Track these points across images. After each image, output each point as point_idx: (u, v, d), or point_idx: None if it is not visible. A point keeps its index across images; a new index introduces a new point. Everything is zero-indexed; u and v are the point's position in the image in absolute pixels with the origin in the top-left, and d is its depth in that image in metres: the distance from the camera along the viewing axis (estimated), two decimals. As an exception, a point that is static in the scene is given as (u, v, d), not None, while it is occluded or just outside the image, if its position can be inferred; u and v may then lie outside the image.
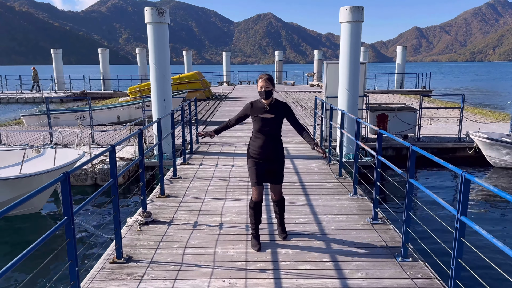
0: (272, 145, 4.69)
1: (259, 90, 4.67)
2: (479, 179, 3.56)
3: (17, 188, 6.25)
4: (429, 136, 12.24)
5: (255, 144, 4.71)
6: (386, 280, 4.06)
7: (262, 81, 4.63)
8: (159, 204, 6.20)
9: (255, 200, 4.75)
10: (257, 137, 4.71)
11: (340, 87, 9.73)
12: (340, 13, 9.34)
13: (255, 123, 4.71)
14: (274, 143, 4.73)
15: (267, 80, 4.63)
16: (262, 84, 4.61)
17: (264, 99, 4.66)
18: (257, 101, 4.76)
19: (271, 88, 4.64)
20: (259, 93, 4.68)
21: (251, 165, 4.76)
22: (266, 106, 4.67)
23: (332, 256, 4.53)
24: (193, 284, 3.93)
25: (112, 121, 14.67)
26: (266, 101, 4.67)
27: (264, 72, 5.02)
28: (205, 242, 4.87)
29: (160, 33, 9.33)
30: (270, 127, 4.67)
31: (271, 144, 4.69)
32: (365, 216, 5.73)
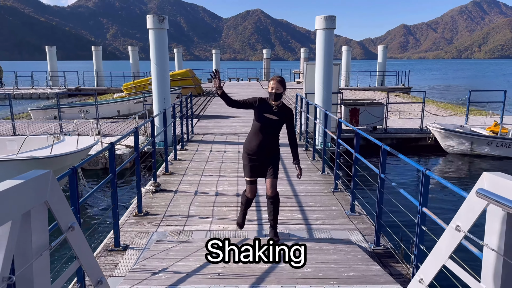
0: (270, 144, 4.76)
1: (269, 91, 4.66)
2: (437, 173, 4.91)
3: (49, 166, 7.69)
4: (396, 127, 13.95)
5: (254, 142, 4.75)
6: (336, 225, 5.63)
7: (274, 83, 4.63)
8: (165, 179, 7.71)
9: (249, 197, 4.93)
10: (257, 134, 4.73)
11: (316, 85, 11.30)
12: (316, 21, 10.91)
13: (258, 120, 4.71)
14: (272, 142, 4.79)
15: (279, 83, 4.62)
16: (274, 86, 4.62)
17: (273, 101, 4.67)
18: (266, 100, 4.74)
19: (282, 91, 4.65)
20: (269, 94, 4.66)
21: (246, 161, 4.82)
22: (274, 107, 4.68)
23: (300, 211, 6.08)
24: (197, 228, 5.45)
25: (113, 114, 16.11)
26: (275, 103, 4.69)
27: (277, 75, 5.04)
28: (204, 203, 6.40)
29: (160, 37, 10.80)
30: (272, 128, 4.72)
31: (269, 143, 4.75)
32: (329, 187, 7.29)
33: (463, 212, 2.61)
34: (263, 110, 4.66)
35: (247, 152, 4.78)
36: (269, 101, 4.69)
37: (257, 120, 4.69)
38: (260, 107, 4.67)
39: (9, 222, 1.80)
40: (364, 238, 5.22)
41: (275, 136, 4.77)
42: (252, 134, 4.75)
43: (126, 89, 23.36)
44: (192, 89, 24.92)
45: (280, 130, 4.78)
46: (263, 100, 4.72)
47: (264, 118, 4.65)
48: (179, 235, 5.20)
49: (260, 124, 4.67)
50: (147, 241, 4.96)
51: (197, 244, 4.57)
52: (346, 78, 34.32)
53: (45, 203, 2.09)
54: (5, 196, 1.74)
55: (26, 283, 1.99)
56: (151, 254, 4.26)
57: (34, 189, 1.97)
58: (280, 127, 4.75)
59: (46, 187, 2.09)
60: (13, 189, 1.80)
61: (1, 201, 1.70)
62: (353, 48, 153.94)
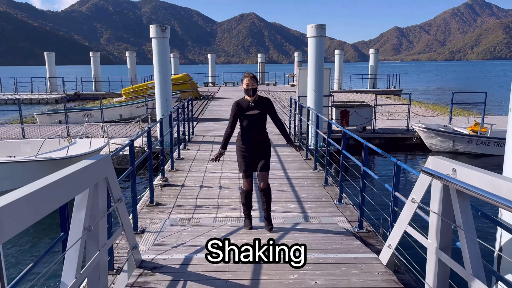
0: (259, 139, 5.02)
1: (245, 88, 4.89)
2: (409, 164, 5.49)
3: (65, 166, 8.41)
4: (384, 128, 14.81)
5: (244, 139, 5.01)
6: (326, 213, 6.40)
7: (248, 79, 4.88)
8: (171, 175, 8.46)
9: (246, 190, 5.20)
10: (245, 132, 5.00)
11: (308, 89, 12.12)
12: (308, 30, 11.73)
13: (242, 120, 4.99)
14: (261, 137, 5.04)
15: (252, 79, 4.89)
16: (248, 82, 4.87)
17: (249, 97, 4.92)
18: (241, 100, 5.01)
19: (256, 86, 4.93)
20: (245, 90, 4.90)
21: (240, 158, 5.08)
22: (251, 103, 4.94)
23: (294, 202, 6.85)
24: (204, 215, 6.21)
25: (116, 118, 16.85)
26: (250, 98, 4.93)
27: (248, 71, 5.26)
28: (209, 195, 7.16)
29: (163, 46, 11.59)
30: (256, 122, 4.95)
31: (258, 137, 5.01)
32: (320, 182, 8.07)
33: (416, 187, 3.42)
34: (244, 110, 4.95)
35: (240, 149, 5.08)
36: (245, 99, 4.97)
37: (242, 119, 4.99)
38: (240, 109, 4.96)
39: (88, 189, 2.57)
40: (349, 223, 5.99)
41: (262, 130, 5.06)
42: (242, 132, 5.05)
43: (125, 93, 24.05)
44: (189, 93, 25.67)
45: (265, 122, 5.06)
46: (240, 102, 5.00)
47: (247, 115, 4.94)
48: (189, 221, 5.95)
49: (246, 122, 4.96)
50: (161, 226, 5.71)
51: (206, 227, 5.34)
52: (339, 81, 35.23)
53: (105, 179, 2.86)
54: (85, 170, 2.51)
55: (94, 236, 2.75)
56: (168, 234, 5.02)
57: (99, 168, 2.75)
58: (264, 119, 5.04)
59: (106, 167, 2.87)
60: (89, 167, 2.58)
61: (83, 174, 2.48)
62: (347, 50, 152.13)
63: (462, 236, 2.62)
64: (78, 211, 2.46)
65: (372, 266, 4.02)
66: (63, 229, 2.50)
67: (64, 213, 2.45)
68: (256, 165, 5.09)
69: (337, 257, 4.24)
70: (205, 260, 3.95)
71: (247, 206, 5.29)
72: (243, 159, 5.06)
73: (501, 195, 2.17)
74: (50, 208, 1.97)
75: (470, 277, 2.54)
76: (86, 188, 2.51)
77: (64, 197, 2.16)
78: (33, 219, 1.81)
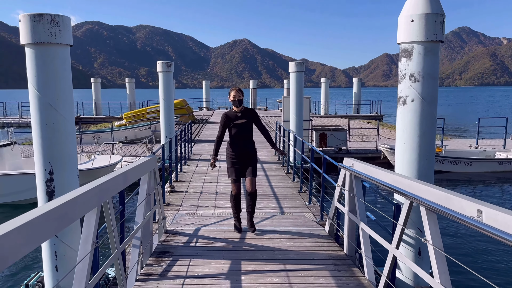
0: (247, 146, 5.52)
1: (232, 100, 5.42)
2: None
3: (89, 177, 10.36)
4: (357, 148, 16.97)
5: (233, 147, 5.54)
6: (298, 210, 8.38)
7: (234, 92, 5.45)
8: (176, 184, 10.43)
9: (235, 194, 5.76)
10: (234, 140, 5.53)
11: (290, 114, 14.29)
12: (289, 66, 13.99)
13: (231, 129, 5.49)
14: (249, 144, 5.54)
15: (238, 91, 5.46)
16: (234, 94, 5.44)
17: (236, 107, 5.43)
18: (229, 111, 5.53)
19: (242, 98, 5.47)
20: (232, 102, 5.44)
21: (229, 164, 5.63)
22: (238, 113, 5.44)
23: (274, 203, 8.84)
24: (205, 211, 8.16)
25: (121, 140, 18.86)
26: (237, 109, 5.44)
27: (234, 86, 5.83)
28: (208, 199, 9.13)
29: (167, 79, 13.76)
30: (244, 130, 5.43)
31: (246, 145, 5.52)
32: (296, 189, 10.10)
33: (339, 176, 5.49)
34: (232, 120, 5.47)
35: (229, 157, 5.64)
36: (233, 111, 5.52)
37: (230, 128, 5.50)
38: (228, 119, 5.48)
39: (147, 174, 4.61)
40: (314, 216, 7.99)
41: (249, 137, 5.58)
42: (231, 141, 5.59)
43: (127, 117, 26.11)
44: (185, 117, 27.79)
45: (251, 131, 5.57)
46: (228, 113, 5.55)
47: (235, 124, 5.44)
48: (193, 215, 7.93)
49: (234, 131, 5.47)
50: (173, 217, 7.68)
51: (207, 217, 7.34)
52: (325, 107, 37.62)
53: (154, 170, 4.90)
54: (145, 163, 4.56)
55: (149, 200, 4.76)
56: (180, 220, 7.02)
57: (151, 162, 4.79)
58: (251, 128, 5.53)
59: (154, 163, 4.90)
60: (147, 161, 4.62)
61: (146, 164, 4.52)
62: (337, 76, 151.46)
63: (355, 201, 4.68)
64: (143, 184, 4.49)
65: (319, 232, 6.04)
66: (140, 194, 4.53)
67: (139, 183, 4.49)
68: (244, 171, 5.62)
69: (298, 230, 6.26)
70: (208, 230, 5.95)
71: (236, 209, 5.84)
72: (232, 165, 5.60)
73: (368, 173, 4.26)
74: (138, 177, 4.01)
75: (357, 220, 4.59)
76: (147, 172, 4.54)
77: (142, 173, 4.20)
78: (126, 184, 3.81)
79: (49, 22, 4.43)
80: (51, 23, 4.50)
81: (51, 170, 4.63)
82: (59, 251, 4.81)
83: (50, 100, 4.48)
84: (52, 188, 4.69)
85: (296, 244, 5.55)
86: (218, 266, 4.64)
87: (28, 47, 4.57)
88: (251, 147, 5.64)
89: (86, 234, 2.85)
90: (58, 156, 4.63)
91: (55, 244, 4.78)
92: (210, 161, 5.83)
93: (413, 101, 5.37)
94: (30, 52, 4.57)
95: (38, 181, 4.71)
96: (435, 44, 5.34)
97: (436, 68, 5.43)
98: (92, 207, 2.80)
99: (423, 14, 5.18)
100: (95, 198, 2.85)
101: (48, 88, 4.53)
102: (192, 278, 4.33)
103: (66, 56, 4.74)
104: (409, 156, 5.42)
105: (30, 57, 4.44)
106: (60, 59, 4.54)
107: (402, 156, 5.53)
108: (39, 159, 4.63)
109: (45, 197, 4.67)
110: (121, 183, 3.61)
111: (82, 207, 2.61)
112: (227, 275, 4.39)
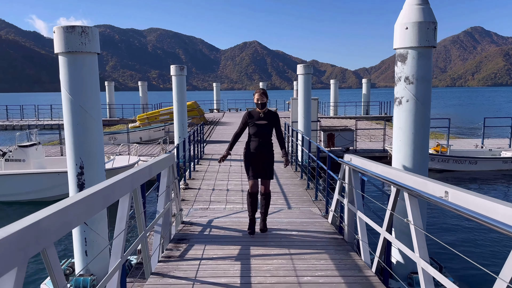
0: (265, 146, 5.58)
1: (255, 102, 5.53)
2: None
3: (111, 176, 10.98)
4: (365, 148, 17.40)
5: (251, 145, 5.57)
6: (305, 205, 8.90)
7: (258, 94, 5.56)
8: (189, 182, 11.01)
9: (252, 192, 5.75)
10: (253, 139, 5.56)
11: (299, 115, 14.79)
12: (298, 68, 14.50)
13: (251, 128, 5.55)
14: (267, 145, 5.60)
15: (262, 94, 5.56)
16: (258, 97, 5.55)
17: (259, 109, 5.55)
18: (253, 110, 5.60)
19: (265, 100, 5.56)
20: (256, 104, 5.56)
21: (247, 163, 5.67)
22: (261, 114, 5.54)
23: (282, 199, 9.37)
24: (217, 206, 8.71)
25: (136, 140, 19.54)
26: (261, 110, 5.55)
27: (260, 87, 5.99)
28: (220, 195, 9.68)
29: (180, 82, 14.37)
30: (264, 131, 5.51)
31: (264, 145, 5.57)
32: (304, 186, 10.61)
33: (341, 171, 5.99)
34: (254, 119, 5.57)
35: (247, 155, 5.70)
36: (256, 111, 5.62)
37: (251, 127, 5.59)
38: (250, 118, 5.60)
39: (167, 168, 5.17)
40: (319, 210, 8.49)
41: (268, 139, 5.63)
42: (250, 140, 5.65)
43: (140, 119, 26.85)
44: (197, 119, 28.44)
45: (271, 133, 5.62)
46: (251, 111, 5.66)
47: (256, 124, 5.54)
48: (207, 209, 8.49)
49: (254, 130, 5.55)
50: (188, 211, 8.24)
51: (220, 210, 7.89)
52: (334, 108, 38.01)
53: (172, 165, 5.46)
54: (165, 158, 5.12)
55: (168, 191, 5.31)
56: (194, 213, 7.57)
57: (170, 158, 5.34)
58: (271, 130, 5.60)
59: (172, 159, 5.46)
60: (166, 157, 5.18)
61: (165, 160, 5.08)
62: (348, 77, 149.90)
63: (353, 192, 5.19)
64: (163, 177, 5.05)
65: (323, 224, 6.56)
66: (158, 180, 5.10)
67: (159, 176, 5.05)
68: (260, 171, 5.66)
69: (303, 220, 6.78)
70: (221, 221, 6.49)
71: (252, 208, 5.78)
72: (250, 164, 5.65)
73: (363, 166, 4.76)
74: (159, 170, 4.58)
75: (355, 209, 5.09)
76: (166, 167, 5.10)
77: (162, 167, 4.76)
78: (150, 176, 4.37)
79: (80, 33, 5.04)
80: (81, 34, 5.09)
81: (82, 165, 5.22)
82: (88, 238, 5.39)
83: (81, 103, 5.07)
84: (82, 181, 5.28)
85: (301, 233, 6.07)
86: (230, 251, 5.18)
87: (61, 56, 5.18)
88: (268, 149, 5.70)
89: (120, 215, 3.41)
90: (87, 153, 5.22)
91: (85, 231, 5.37)
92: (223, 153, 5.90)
93: (408, 102, 5.86)
94: (63, 60, 5.18)
95: (70, 175, 5.30)
96: (428, 50, 5.82)
97: (429, 71, 5.90)
98: (126, 192, 3.36)
99: (416, 22, 5.67)
100: (128, 184, 3.41)
101: (79, 91, 5.12)
102: (207, 260, 4.87)
103: (94, 63, 5.34)
104: (404, 151, 5.92)
105: (63, 64, 5.05)
106: (89, 66, 5.15)
107: (398, 151, 6.02)
108: (71, 155, 5.22)
109: (76, 189, 5.25)
110: (147, 175, 4.16)
111: (120, 191, 3.17)
112: (238, 258, 4.92)
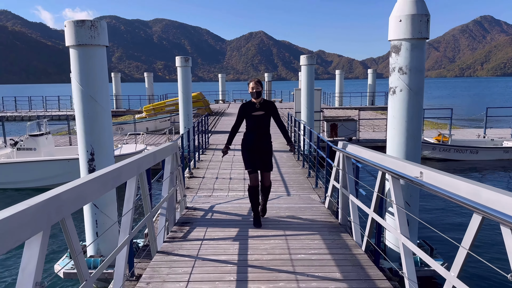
0: (263, 138, 5.47)
1: (250, 91, 5.32)
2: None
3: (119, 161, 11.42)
4: (367, 138, 17.64)
5: (249, 138, 5.46)
6: (305, 192, 9.21)
7: (253, 83, 5.36)
8: (194, 171, 11.36)
9: (252, 185, 5.62)
10: (250, 131, 5.45)
11: (302, 106, 15.06)
12: (301, 59, 14.74)
13: (248, 120, 5.42)
14: (265, 136, 5.49)
15: (257, 83, 5.36)
16: (253, 86, 5.34)
17: (255, 99, 5.34)
18: (249, 102, 5.42)
19: (260, 89, 5.34)
20: (251, 93, 5.34)
21: (246, 155, 5.57)
22: (257, 104, 5.34)
23: (284, 186, 9.70)
24: (220, 194, 9.04)
25: (143, 131, 19.94)
26: (256, 100, 5.34)
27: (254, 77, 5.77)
28: (223, 183, 10.02)
29: (186, 73, 14.67)
30: (261, 122, 5.37)
31: (262, 137, 5.46)
32: (305, 175, 10.93)
33: (336, 158, 6.29)
34: (250, 111, 5.41)
35: (245, 147, 5.61)
36: (252, 102, 5.43)
37: (247, 119, 5.45)
38: (246, 110, 5.42)
39: (171, 155, 5.50)
40: (319, 197, 8.80)
41: (266, 130, 5.51)
42: (247, 132, 5.55)
43: (146, 110, 27.23)
44: (202, 110, 28.77)
45: (269, 124, 5.50)
46: (246, 104, 5.48)
47: (252, 116, 5.38)
48: (210, 196, 8.84)
49: (251, 122, 5.42)
50: (192, 198, 8.60)
51: (223, 197, 8.24)
52: (339, 98, 38.15)
53: (176, 153, 5.79)
54: (169, 146, 5.45)
55: (172, 178, 5.65)
56: (198, 200, 7.93)
57: (173, 146, 5.67)
58: (268, 120, 5.46)
59: (176, 147, 5.79)
60: (170, 145, 5.51)
61: (169, 148, 5.42)
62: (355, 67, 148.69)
63: (346, 178, 5.50)
64: (167, 164, 5.39)
65: (320, 208, 6.88)
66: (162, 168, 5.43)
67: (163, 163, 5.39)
68: (260, 163, 5.57)
69: (302, 206, 7.11)
70: (223, 207, 6.84)
71: (255, 201, 5.68)
72: (248, 156, 5.58)
73: (354, 152, 5.06)
74: (163, 157, 4.91)
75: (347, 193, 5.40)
76: (170, 154, 5.44)
77: (166, 155, 5.09)
78: (155, 162, 4.69)
79: (90, 27, 5.36)
80: (91, 28, 5.41)
81: (92, 151, 5.57)
82: (99, 220, 5.77)
83: (91, 93, 5.40)
84: (93, 167, 5.63)
85: (298, 217, 6.40)
86: (230, 232, 5.52)
87: (72, 48, 5.51)
88: (266, 141, 5.59)
89: (128, 196, 3.75)
90: (98, 140, 5.56)
91: (96, 214, 5.74)
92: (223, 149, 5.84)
93: (401, 91, 6.14)
94: (74, 52, 5.51)
95: (81, 160, 5.65)
96: (421, 41, 6.08)
97: (422, 62, 6.17)
98: (133, 175, 3.70)
99: (409, 15, 5.92)
100: (135, 168, 3.74)
101: (89, 82, 5.45)
102: (208, 240, 5.22)
103: (103, 55, 5.68)
104: (398, 139, 6.21)
105: (74, 56, 5.38)
106: (99, 58, 5.48)
107: (392, 139, 6.31)
108: (83, 143, 5.57)
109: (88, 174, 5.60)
110: (152, 160, 4.50)
111: (127, 174, 3.50)
112: (237, 238, 5.27)
